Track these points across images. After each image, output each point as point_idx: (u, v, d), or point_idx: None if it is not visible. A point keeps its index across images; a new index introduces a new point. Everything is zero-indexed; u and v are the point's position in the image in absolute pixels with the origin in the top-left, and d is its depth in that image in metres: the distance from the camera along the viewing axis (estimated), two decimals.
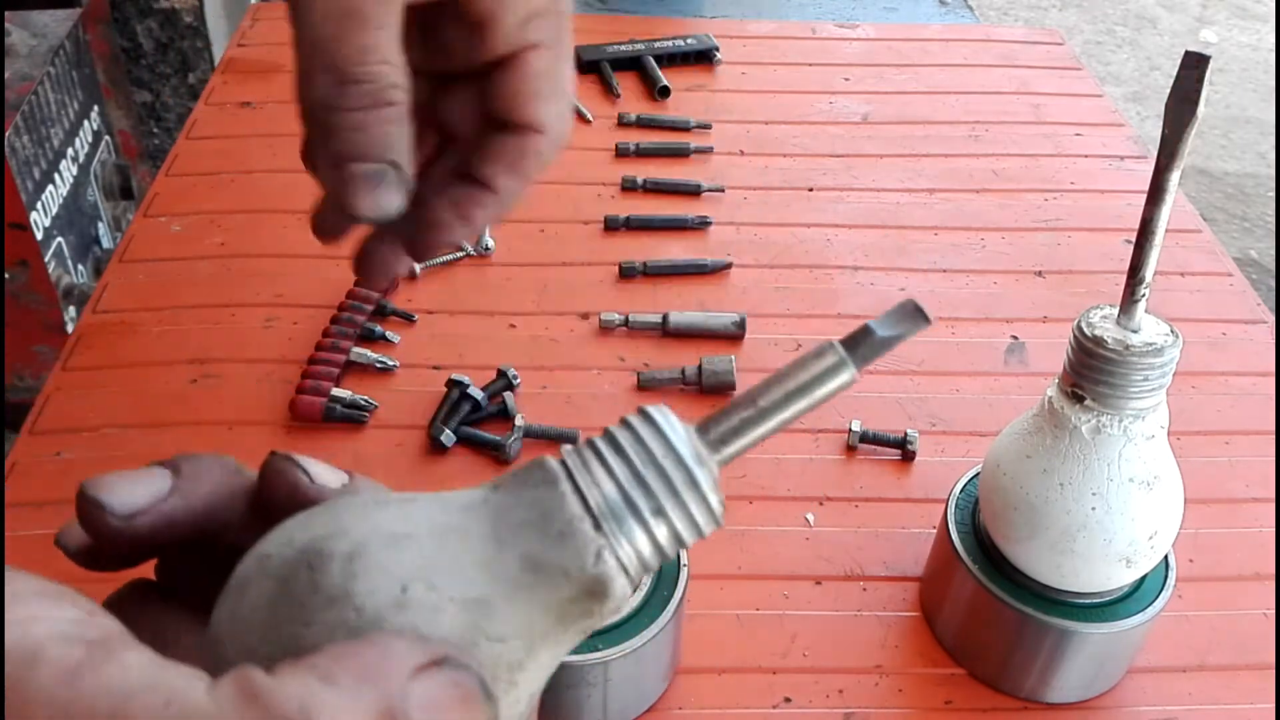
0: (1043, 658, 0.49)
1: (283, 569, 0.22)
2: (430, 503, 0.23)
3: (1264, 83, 2.90)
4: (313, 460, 0.26)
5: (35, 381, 1.44)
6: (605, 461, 0.23)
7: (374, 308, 0.70)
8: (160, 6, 1.75)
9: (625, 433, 0.23)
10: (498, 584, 0.21)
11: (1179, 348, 0.43)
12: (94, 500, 0.24)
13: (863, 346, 0.24)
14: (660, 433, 0.23)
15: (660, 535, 0.23)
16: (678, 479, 0.23)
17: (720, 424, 0.24)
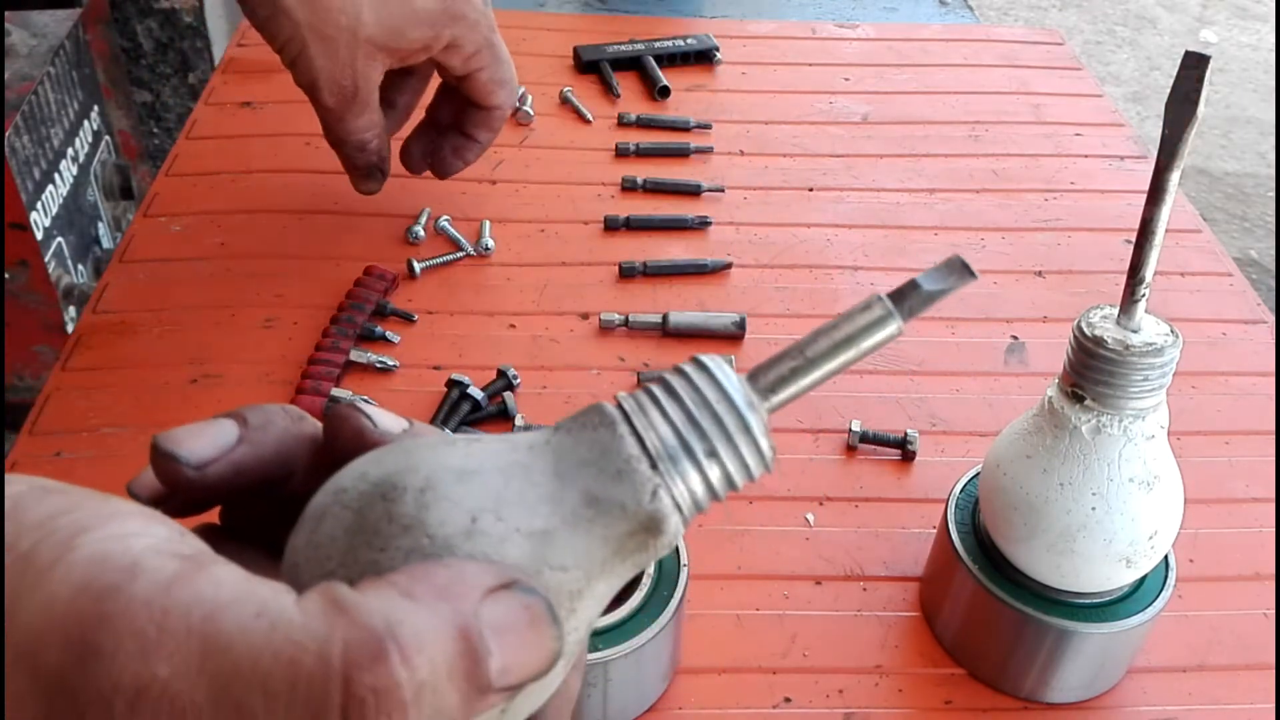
0: (1043, 658, 0.49)
1: (359, 500, 0.23)
2: (496, 442, 0.24)
3: (1264, 83, 2.90)
4: (375, 407, 0.27)
5: (35, 381, 1.44)
6: (661, 406, 0.24)
7: (374, 308, 0.70)
8: (160, 6, 1.75)
9: (680, 379, 0.24)
10: (560, 517, 0.23)
11: (1179, 348, 0.43)
12: (168, 453, 0.25)
13: (909, 300, 0.25)
14: (714, 379, 0.24)
15: (713, 476, 0.24)
16: (730, 423, 0.24)
17: (769, 372, 0.25)
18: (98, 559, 0.19)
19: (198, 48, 1.79)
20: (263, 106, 0.89)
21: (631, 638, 0.46)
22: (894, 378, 0.68)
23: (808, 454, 0.63)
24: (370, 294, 0.70)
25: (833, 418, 0.65)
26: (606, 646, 0.46)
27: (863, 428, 0.63)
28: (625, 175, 0.83)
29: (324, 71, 0.62)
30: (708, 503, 0.24)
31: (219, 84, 0.92)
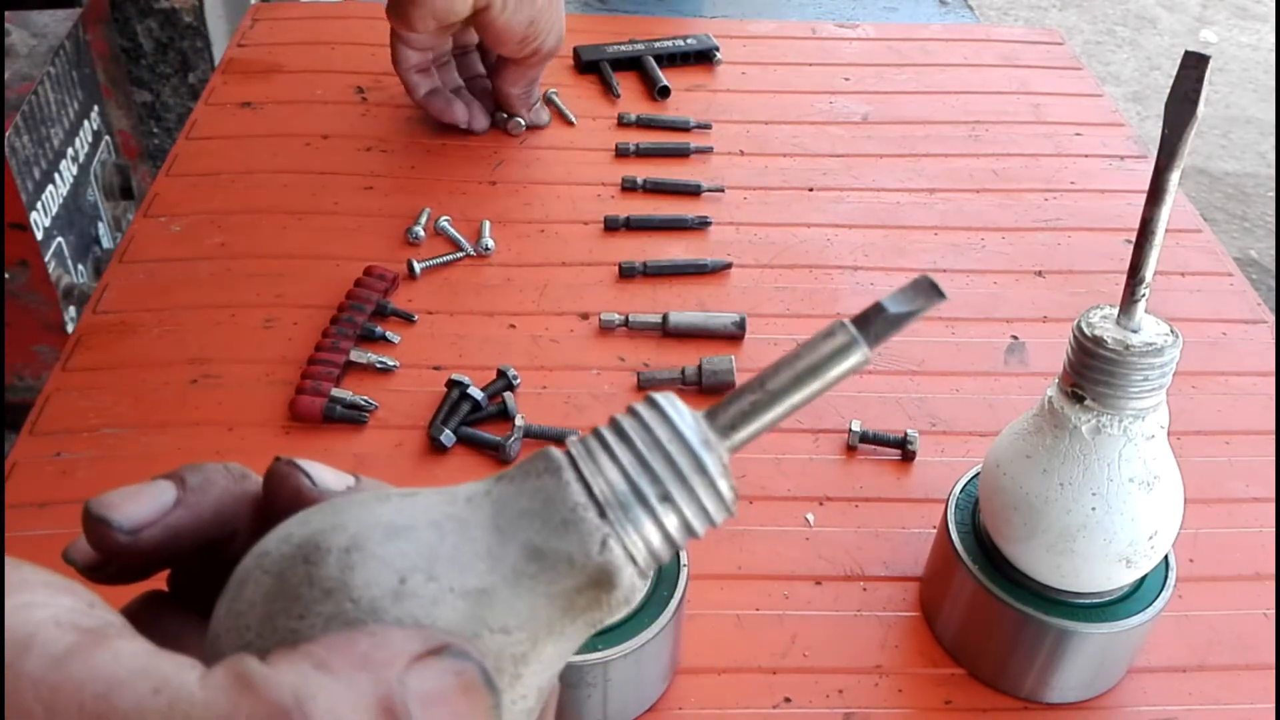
0: (1043, 658, 0.49)
1: (280, 564, 0.21)
2: (432, 495, 0.23)
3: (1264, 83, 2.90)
4: (316, 464, 0.26)
5: (35, 381, 1.44)
6: (610, 449, 0.22)
7: (374, 308, 0.70)
8: (160, 6, 1.75)
9: (631, 420, 0.23)
10: (500, 574, 0.21)
11: (1179, 348, 0.43)
12: (99, 518, 0.24)
13: (875, 324, 0.24)
14: (666, 419, 0.22)
15: (669, 523, 0.22)
16: (685, 465, 0.22)
17: (729, 409, 0.23)
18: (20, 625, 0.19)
19: (198, 48, 1.79)
20: (263, 106, 0.89)
21: (631, 638, 0.46)
22: (894, 378, 0.68)
23: (808, 454, 0.63)
24: (370, 294, 0.70)
25: (833, 418, 0.65)
26: (606, 646, 0.46)
27: (863, 428, 0.63)
28: (625, 175, 0.83)
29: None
30: (665, 552, 0.22)
31: (219, 84, 0.92)
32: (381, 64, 0.95)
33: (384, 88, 0.92)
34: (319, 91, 0.91)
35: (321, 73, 0.93)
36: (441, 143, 0.86)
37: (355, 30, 0.99)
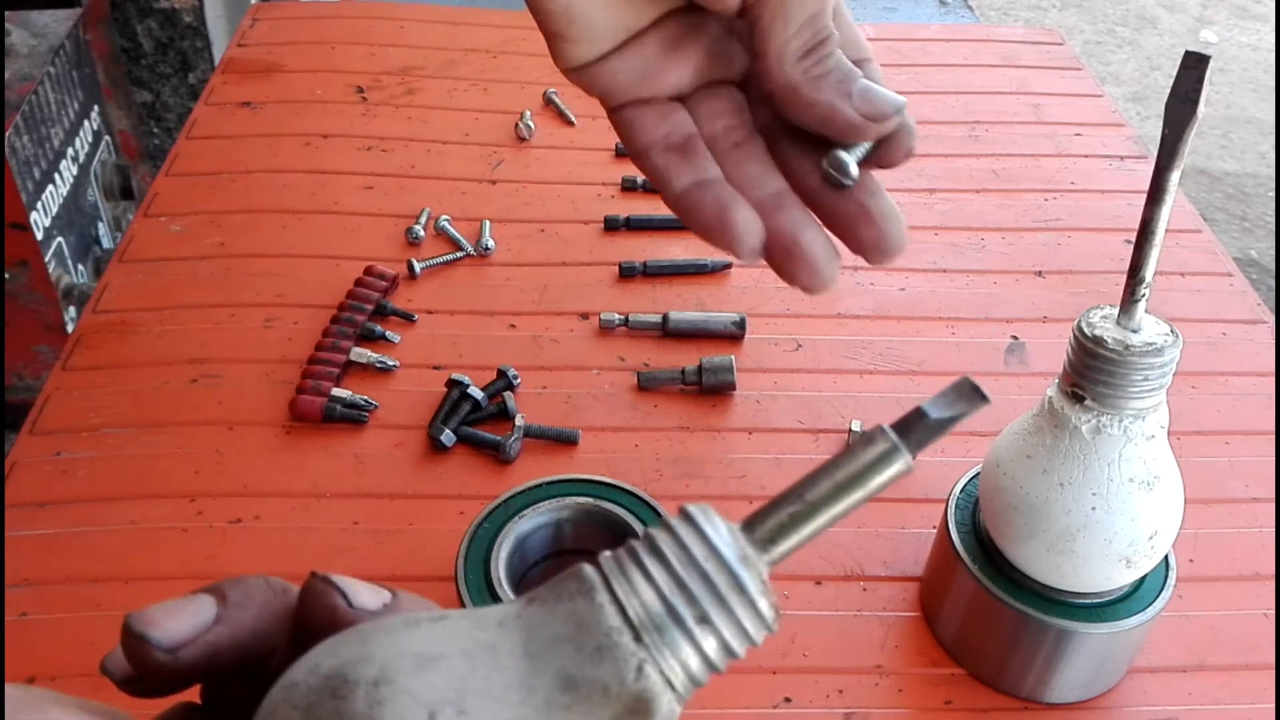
0: (1042, 658, 0.49)
1: (308, 697, 0.21)
2: (462, 619, 0.22)
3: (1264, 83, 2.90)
4: (353, 581, 0.25)
5: (35, 381, 1.44)
6: (645, 567, 0.21)
7: (374, 308, 0.70)
8: (160, 6, 1.75)
9: (666, 536, 0.22)
10: (533, 705, 0.20)
11: (1179, 348, 0.43)
12: (139, 634, 0.23)
13: (916, 431, 0.23)
14: (702, 534, 0.22)
15: (707, 646, 0.21)
16: (723, 584, 0.21)
17: (767, 521, 0.23)
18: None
19: (198, 48, 1.79)
20: (263, 106, 0.89)
21: None
22: (894, 378, 0.68)
23: (808, 454, 0.63)
24: (370, 294, 0.70)
25: (833, 418, 0.65)
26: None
27: (863, 428, 0.63)
28: (625, 175, 0.83)
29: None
30: (704, 675, 0.22)
31: (219, 84, 0.92)
32: (381, 64, 0.95)
33: (384, 87, 0.92)
34: (319, 91, 0.91)
35: (321, 73, 0.93)
36: (441, 143, 0.86)
37: (355, 30, 0.99)
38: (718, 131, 0.36)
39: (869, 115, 0.32)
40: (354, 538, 0.57)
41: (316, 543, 0.56)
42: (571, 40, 0.34)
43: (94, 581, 0.54)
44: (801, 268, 0.32)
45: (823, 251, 0.33)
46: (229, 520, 0.57)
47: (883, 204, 0.33)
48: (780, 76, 0.33)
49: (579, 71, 0.36)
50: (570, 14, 0.33)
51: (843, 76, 0.33)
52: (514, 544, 0.50)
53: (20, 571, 0.54)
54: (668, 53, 0.35)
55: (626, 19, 0.34)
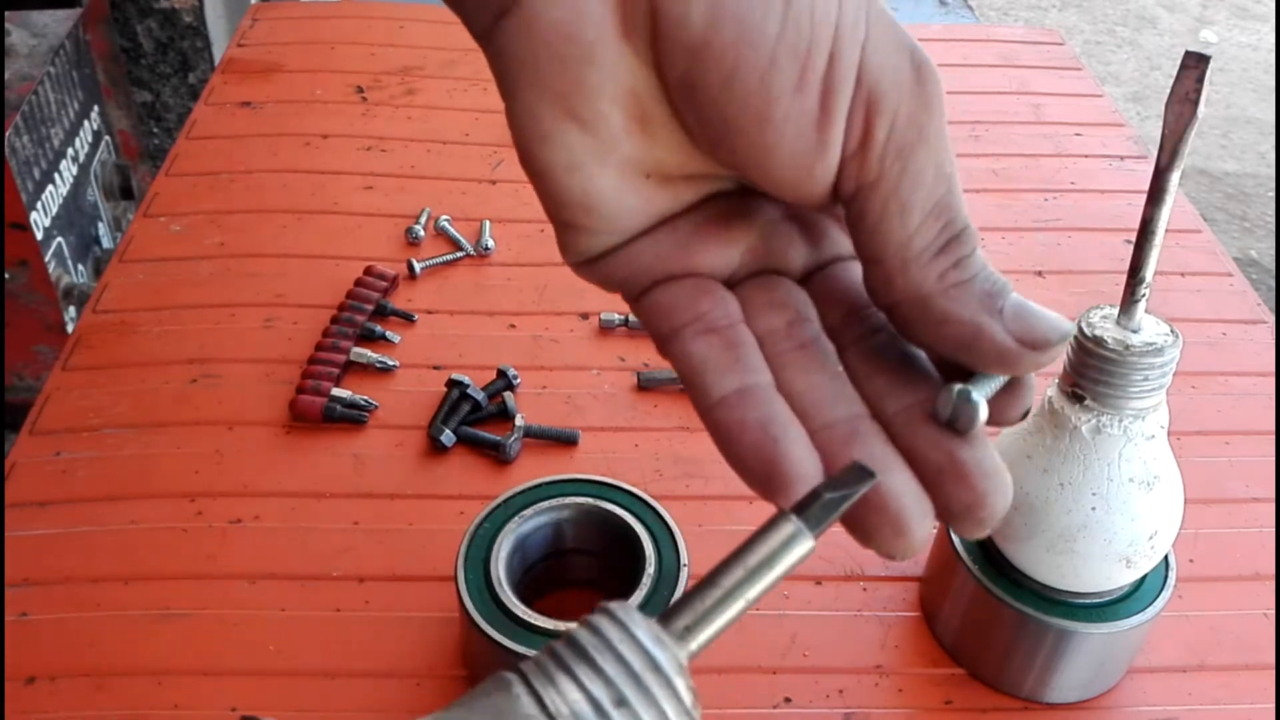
0: (1042, 658, 0.49)
1: None
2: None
3: (1264, 83, 2.90)
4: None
5: (35, 381, 1.44)
6: (563, 661, 0.22)
7: (374, 308, 0.70)
8: (160, 6, 1.75)
9: (585, 631, 0.22)
10: None
11: (1179, 348, 0.43)
12: None
13: (813, 510, 0.24)
14: (620, 624, 0.22)
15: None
16: (639, 665, 0.22)
17: (684, 612, 0.23)
18: None
19: (198, 48, 1.79)
20: (263, 106, 0.89)
21: None
22: None
23: None
24: (370, 294, 0.70)
25: None
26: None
27: None
28: None
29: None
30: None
31: (219, 84, 0.92)
32: (381, 64, 0.95)
33: (384, 87, 0.92)
34: (319, 91, 0.91)
35: (321, 73, 0.93)
36: (441, 143, 0.86)
37: (355, 30, 0.99)
38: (775, 328, 0.27)
39: (1025, 341, 0.24)
40: (354, 538, 0.57)
41: (316, 543, 0.56)
42: (588, 231, 0.27)
43: (94, 581, 0.54)
44: (883, 526, 0.24)
45: (914, 505, 0.24)
46: (229, 520, 0.57)
47: (986, 457, 0.25)
48: (907, 286, 0.25)
49: (591, 264, 0.28)
50: (589, 201, 0.26)
51: (991, 287, 0.25)
52: (514, 544, 0.50)
53: (20, 571, 0.54)
54: (708, 232, 0.28)
55: (661, 205, 0.27)
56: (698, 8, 0.24)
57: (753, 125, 0.24)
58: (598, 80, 0.24)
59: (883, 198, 0.25)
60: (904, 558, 0.25)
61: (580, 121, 0.25)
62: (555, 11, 0.24)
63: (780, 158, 0.25)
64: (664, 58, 0.24)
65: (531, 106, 0.25)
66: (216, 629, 0.52)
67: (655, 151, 0.26)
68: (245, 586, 0.54)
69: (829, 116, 0.24)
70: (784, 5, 0.24)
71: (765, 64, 0.24)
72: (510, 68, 0.25)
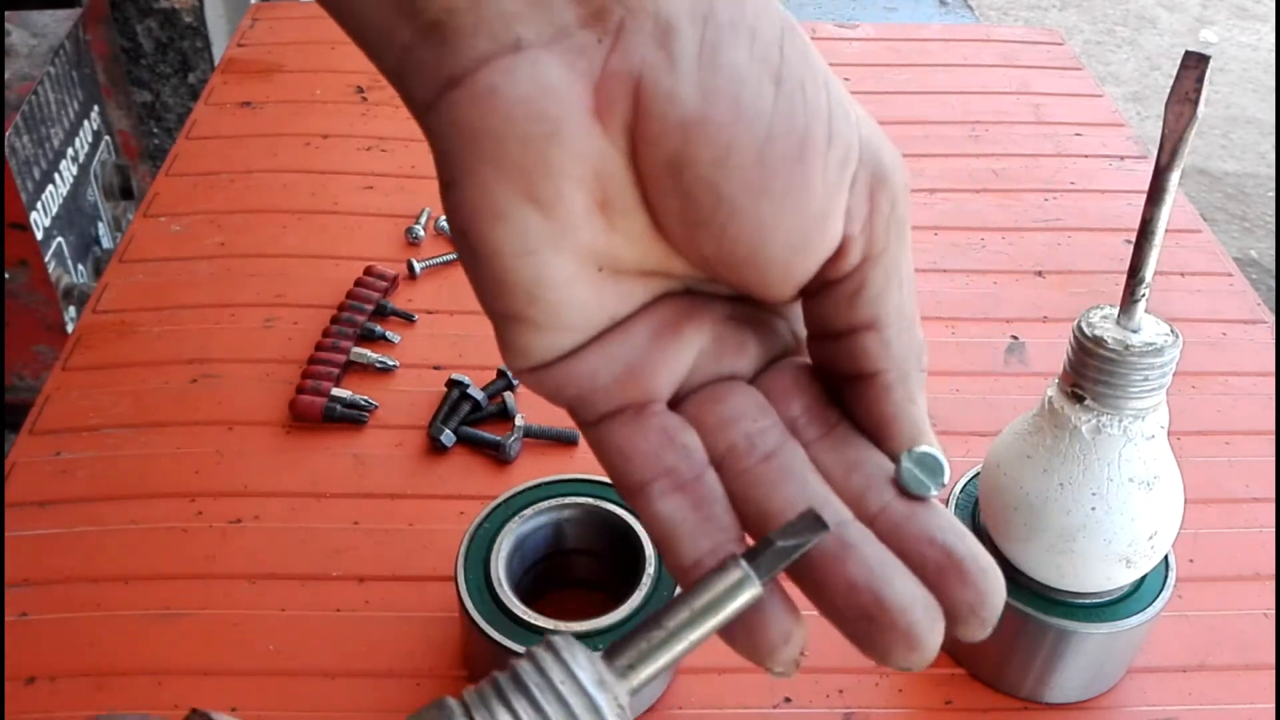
0: (1042, 658, 0.49)
1: None
2: None
3: (1264, 83, 2.90)
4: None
5: (35, 381, 1.44)
6: (503, 694, 0.22)
7: (374, 308, 0.70)
8: (160, 6, 1.75)
9: (527, 664, 0.23)
10: None
11: (1179, 348, 0.43)
12: None
13: (764, 557, 0.24)
14: (561, 662, 0.23)
15: None
16: (578, 706, 0.22)
17: (627, 650, 0.24)
18: None
19: (198, 48, 1.79)
20: (263, 106, 0.89)
21: None
22: None
23: None
24: (370, 294, 0.70)
25: None
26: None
27: None
28: None
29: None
30: None
31: (219, 84, 0.92)
32: None
33: (384, 87, 0.92)
34: (319, 91, 0.91)
35: (321, 73, 0.93)
36: None
37: None
38: (736, 444, 0.27)
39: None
40: (354, 538, 0.57)
41: (316, 543, 0.56)
42: (535, 326, 0.25)
43: (94, 581, 0.54)
44: (893, 636, 0.23)
45: (924, 615, 0.23)
46: (229, 520, 0.57)
47: (981, 552, 0.25)
48: (912, 343, 0.28)
49: (540, 371, 0.27)
50: (538, 291, 0.24)
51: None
52: (514, 544, 0.50)
53: (20, 571, 0.54)
54: (661, 343, 0.27)
55: (612, 303, 0.26)
56: (688, 84, 0.23)
57: (750, 201, 0.24)
58: (561, 160, 0.23)
59: (885, 269, 0.26)
60: (920, 668, 0.24)
61: (538, 203, 0.23)
62: (519, 86, 0.22)
63: (778, 234, 0.24)
64: (648, 137, 0.23)
65: (486, 184, 0.23)
66: (216, 629, 0.52)
67: (613, 241, 0.25)
68: (245, 586, 0.54)
69: (832, 190, 0.24)
70: (774, 85, 0.23)
71: (762, 138, 0.23)
72: (462, 143, 0.23)
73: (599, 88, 0.23)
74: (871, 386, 0.27)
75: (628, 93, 0.23)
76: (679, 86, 0.23)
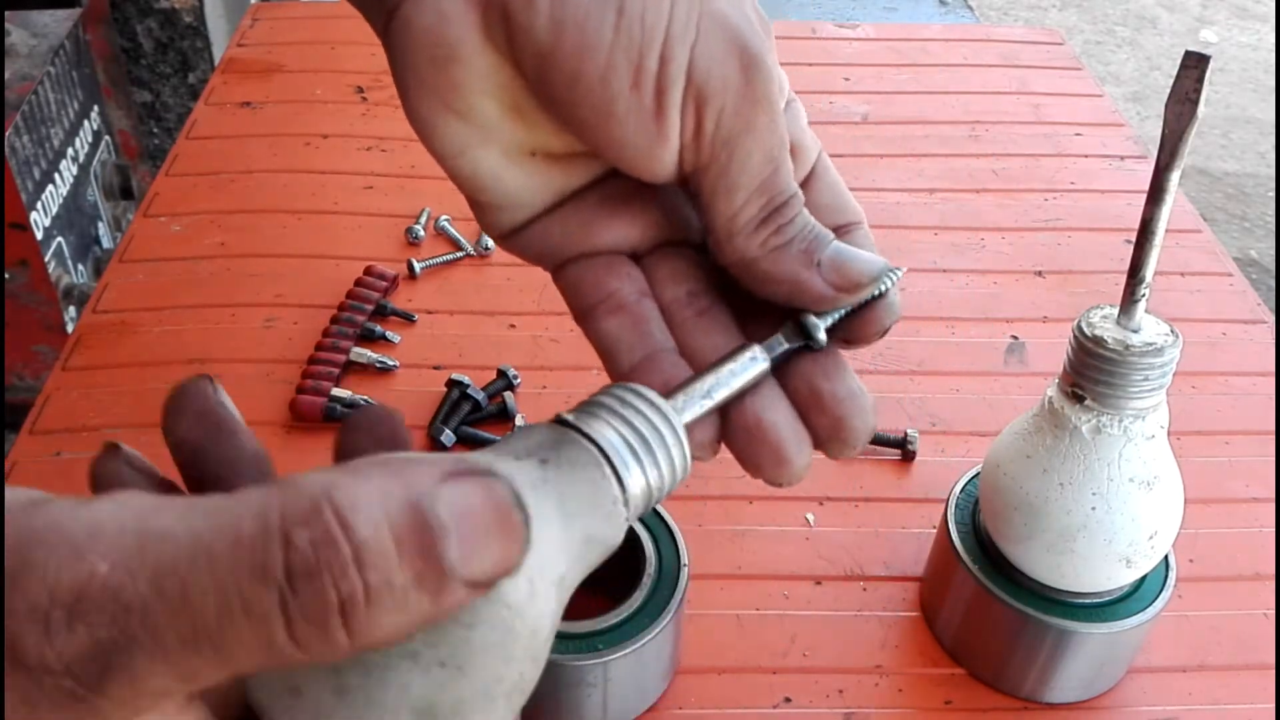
0: (1042, 658, 0.49)
1: None
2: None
3: (1264, 83, 2.90)
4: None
5: (35, 381, 1.44)
6: (629, 441, 0.25)
7: (374, 308, 0.70)
8: (160, 6, 1.75)
9: (634, 412, 0.25)
10: (569, 559, 0.24)
11: (1179, 348, 0.43)
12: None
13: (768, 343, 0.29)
14: (662, 414, 0.26)
15: (654, 499, 0.26)
16: (677, 459, 0.26)
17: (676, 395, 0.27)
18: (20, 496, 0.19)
19: (198, 48, 1.79)
20: (263, 106, 0.89)
21: (631, 638, 0.46)
22: (894, 378, 0.68)
23: None
24: (370, 294, 0.70)
25: None
26: (606, 647, 0.45)
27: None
28: None
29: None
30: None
31: (219, 84, 0.92)
32: (381, 64, 0.95)
33: (384, 87, 0.92)
34: (319, 91, 0.91)
35: (321, 73, 0.93)
36: None
37: (355, 30, 0.99)
38: (679, 297, 0.31)
39: (840, 286, 0.29)
40: None
41: None
42: (493, 207, 0.31)
43: None
44: (765, 454, 0.28)
45: (790, 435, 0.28)
46: None
47: (840, 385, 0.29)
48: (733, 253, 0.29)
49: (508, 239, 0.32)
50: (480, 181, 0.29)
51: (807, 244, 0.29)
52: None
53: None
54: (610, 210, 0.31)
55: (556, 182, 0.30)
56: (541, 18, 0.26)
57: (599, 120, 0.27)
58: (465, 76, 0.27)
59: (712, 179, 0.28)
60: (789, 484, 0.28)
61: (457, 113, 0.28)
62: (424, 16, 0.27)
63: (627, 147, 0.28)
64: (518, 60, 0.27)
65: (415, 102, 0.28)
66: None
67: (535, 134, 0.29)
68: None
69: (663, 111, 0.27)
70: (616, 13, 0.26)
71: (603, 66, 0.26)
72: (396, 68, 0.28)
73: (483, 14, 0.26)
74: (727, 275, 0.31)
75: (500, 20, 0.26)
76: (533, 19, 0.26)
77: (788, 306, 0.29)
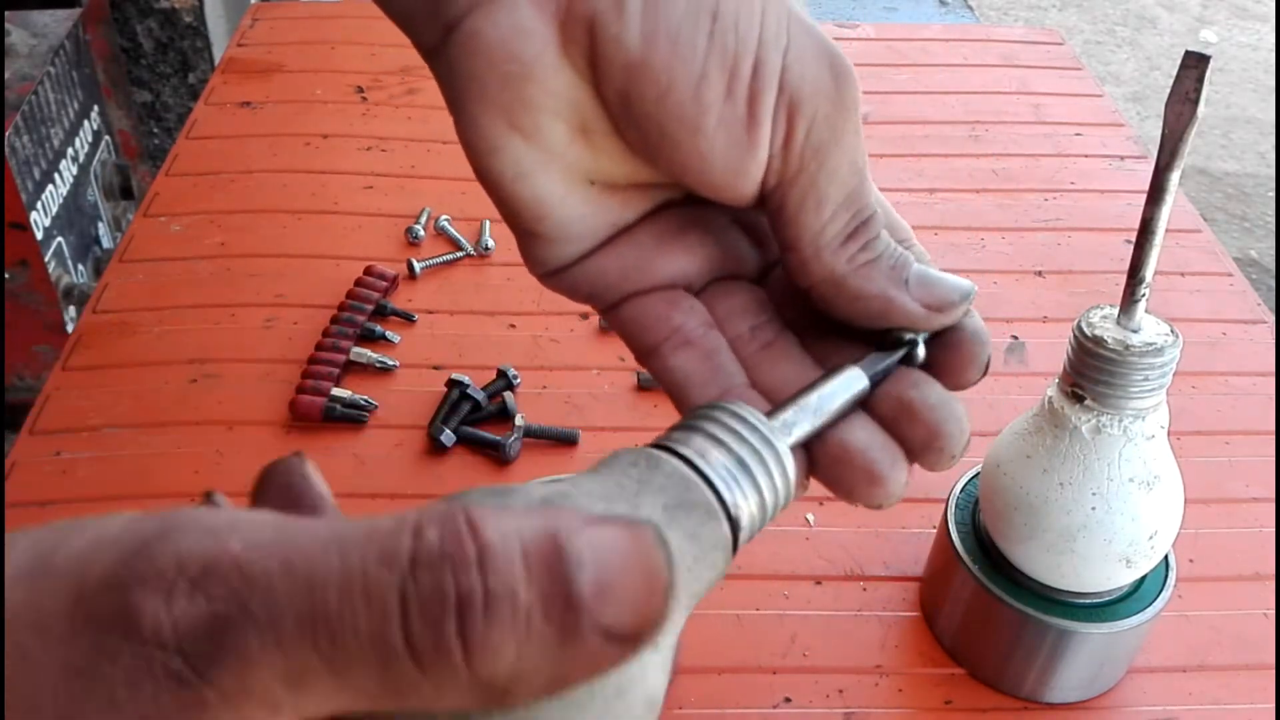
0: (1042, 658, 0.49)
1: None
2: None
3: (1264, 83, 2.90)
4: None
5: (35, 381, 1.44)
6: (738, 481, 0.23)
7: (374, 308, 0.70)
8: (160, 6, 1.75)
9: (740, 444, 0.23)
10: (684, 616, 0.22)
11: (1179, 348, 0.43)
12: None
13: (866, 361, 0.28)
14: (739, 416, 0.24)
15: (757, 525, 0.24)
16: (782, 496, 0.24)
17: (781, 412, 0.26)
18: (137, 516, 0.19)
19: (198, 48, 1.79)
20: (263, 106, 0.89)
21: None
22: None
23: None
24: (370, 294, 0.70)
25: None
26: None
27: None
28: None
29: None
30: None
31: (219, 84, 0.92)
32: (381, 64, 0.95)
33: (384, 87, 0.92)
34: (319, 91, 0.91)
35: (321, 73, 0.93)
36: (441, 143, 0.86)
37: (355, 30, 0.99)
38: (743, 331, 0.30)
39: (931, 305, 0.28)
40: None
41: None
42: (546, 239, 0.29)
43: None
44: (859, 478, 0.27)
45: (882, 453, 0.27)
46: None
47: (931, 393, 0.28)
48: (821, 269, 0.28)
49: (557, 275, 0.30)
50: (539, 209, 0.28)
51: (895, 262, 0.28)
52: None
53: None
54: (667, 244, 0.30)
55: (612, 214, 0.29)
56: (633, 28, 0.25)
57: (688, 134, 0.26)
58: (538, 94, 0.26)
59: (799, 192, 0.27)
60: (888, 504, 0.27)
61: (523, 133, 0.27)
62: (497, 29, 0.25)
63: (714, 162, 0.27)
64: (601, 75, 0.26)
65: (477, 120, 0.27)
66: None
67: (599, 161, 0.28)
68: None
69: (755, 119, 0.26)
70: (711, 20, 0.25)
71: (697, 77, 0.25)
72: (456, 83, 0.26)
73: (563, 28, 0.25)
74: (810, 297, 0.29)
75: (585, 34, 0.25)
76: (624, 31, 0.25)
77: (872, 329, 0.28)
